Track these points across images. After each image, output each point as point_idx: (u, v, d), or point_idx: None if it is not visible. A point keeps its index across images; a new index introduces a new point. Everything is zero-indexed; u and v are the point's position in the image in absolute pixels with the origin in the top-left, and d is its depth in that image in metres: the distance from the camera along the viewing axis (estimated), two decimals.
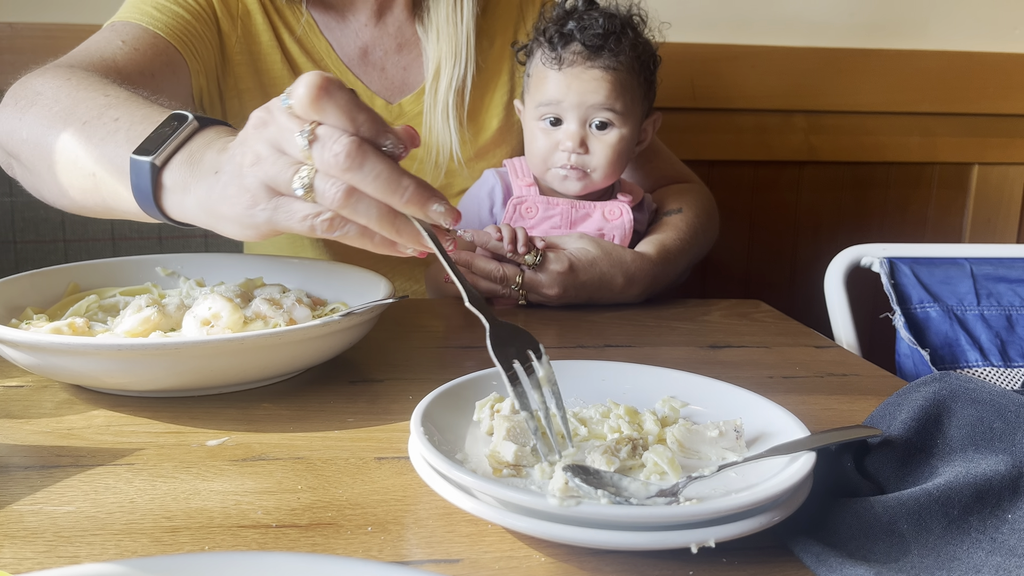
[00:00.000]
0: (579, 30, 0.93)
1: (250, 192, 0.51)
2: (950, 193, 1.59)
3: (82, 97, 0.69)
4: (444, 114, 1.01)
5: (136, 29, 0.89)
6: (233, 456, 0.52)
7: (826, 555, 0.41)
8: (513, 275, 0.89)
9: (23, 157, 0.72)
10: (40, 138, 0.69)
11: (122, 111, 0.65)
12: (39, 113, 0.70)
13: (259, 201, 0.51)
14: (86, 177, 0.65)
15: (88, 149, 0.64)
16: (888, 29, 1.53)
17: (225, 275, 0.80)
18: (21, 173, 0.76)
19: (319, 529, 0.44)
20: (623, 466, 0.46)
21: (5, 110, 0.74)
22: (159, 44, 0.88)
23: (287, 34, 1.01)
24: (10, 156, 0.76)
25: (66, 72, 0.74)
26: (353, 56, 1.03)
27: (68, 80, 0.72)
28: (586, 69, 0.93)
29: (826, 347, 0.81)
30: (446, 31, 1.00)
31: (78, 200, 0.69)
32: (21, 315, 0.68)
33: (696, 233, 1.01)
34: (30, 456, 0.52)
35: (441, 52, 1.00)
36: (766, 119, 1.50)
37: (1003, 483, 0.45)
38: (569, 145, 0.94)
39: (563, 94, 0.93)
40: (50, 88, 0.72)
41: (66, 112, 0.68)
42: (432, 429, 0.48)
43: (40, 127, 0.69)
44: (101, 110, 0.66)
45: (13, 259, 1.22)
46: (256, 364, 0.60)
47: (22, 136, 0.71)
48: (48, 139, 0.68)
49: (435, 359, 0.75)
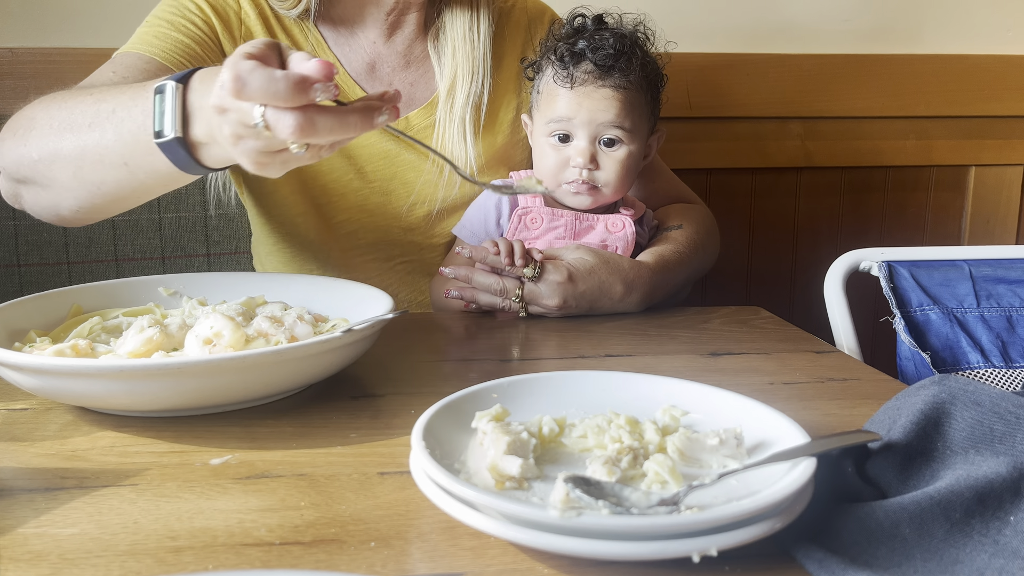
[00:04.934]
0: (590, 50, 0.95)
1: (248, 156, 0.59)
2: (948, 196, 1.60)
3: (72, 106, 0.72)
4: (460, 128, 1.03)
5: (131, 58, 0.90)
6: (236, 474, 0.53)
7: (829, 561, 0.41)
8: (513, 288, 0.90)
9: (39, 177, 0.75)
10: (54, 152, 0.72)
11: (112, 101, 0.69)
12: (41, 133, 0.73)
13: (259, 158, 0.59)
14: (118, 167, 0.69)
15: (110, 143, 0.68)
16: (882, 34, 1.54)
17: (227, 294, 0.80)
18: (33, 198, 0.78)
19: (323, 546, 0.44)
20: (624, 476, 0.46)
21: (5, 143, 0.77)
22: (152, 68, 0.89)
23: None
24: (19, 184, 0.78)
25: (49, 96, 0.77)
26: (360, 71, 1.05)
27: (53, 100, 0.76)
28: (597, 88, 0.95)
29: (826, 352, 0.81)
30: (463, 48, 1.02)
31: (111, 193, 0.72)
32: (24, 338, 0.69)
33: (696, 248, 1.02)
34: (35, 479, 0.52)
35: (457, 67, 1.02)
36: (762, 126, 1.51)
37: (1004, 485, 0.45)
38: (580, 161, 0.96)
39: (574, 112, 0.96)
40: (41, 111, 0.75)
41: (67, 123, 0.71)
42: (434, 443, 0.48)
43: (49, 143, 0.72)
44: (96, 107, 0.70)
45: (17, 282, 1.22)
46: (258, 382, 0.60)
47: (33, 157, 0.73)
48: (63, 150, 0.71)
49: (436, 373, 0.75)
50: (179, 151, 0.63)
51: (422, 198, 1.06)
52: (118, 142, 0.68)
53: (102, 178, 0.71)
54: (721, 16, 1.49)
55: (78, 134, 0.70)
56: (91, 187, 0.72)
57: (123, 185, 0.71)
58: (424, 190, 1.05)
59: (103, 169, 0.70)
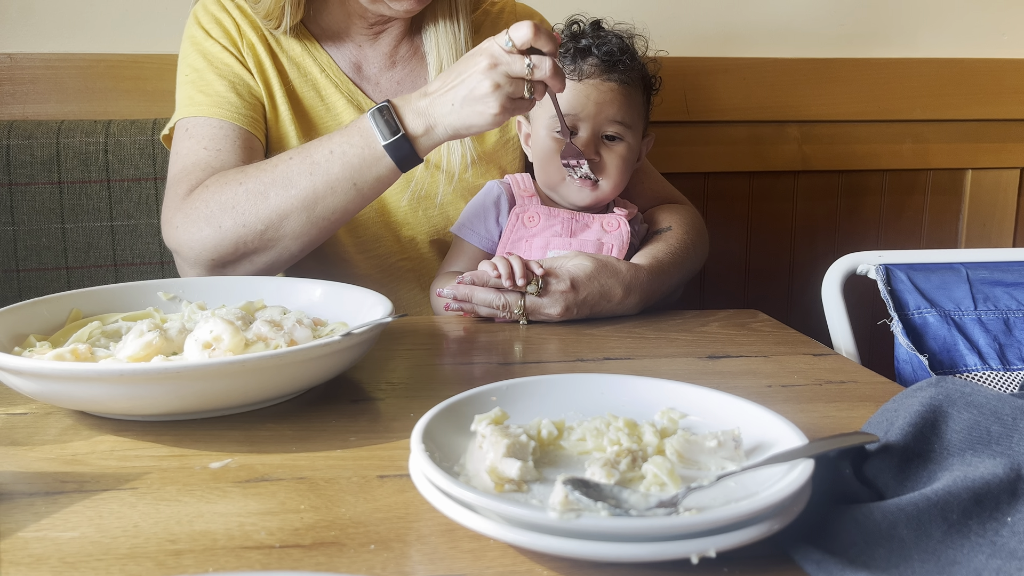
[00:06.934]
0: (596, 46, 0.99)
1: (499, 100, 0.82)
2: (944, 199, 1.60)
3: (269, 175, 0.88)
4: None
5: (205, 127, 0.98)
6: (236, 478, 0.53)
7: (827, 562, 0.42)
8: (515, 301, 0.89)
9: (264, 245, 0.89)
10: (284, 211, 0.87)
11: (319, 151, 0.88)
12: (254, 205, 0.88)
13: (507, 102, 0.82)
14: (348, 191, 0.87)
15: (338, 174, 0.87)
16: (878, 38, 1.54)
17: (226, 298, 0.80)
18: (245, 269, 0.91)
19: (322, 548, 0.44)
20: (623, 478, 0.47)
21: (201, 233, 0.89)
22: (228, 133, 0.98)
23: (286, 60, 1.06)
24: (222, 267, 0.91)
25: (215, 183, 0.91)
26: (349, 69, 1.09)
27: (227, 183, 0.90)
28: (603, 81, 0.98)
29: (824, 355, 0.81)
30: (446, 40, 1.06)
31: (339, 219, 0.90)
32: (24, 343, 0.69)
33: (687, 249, 1.03)
34: (35, 483, 0.52)
35: (443, 58, 1.06)
36: (759, 130, 1.52)
37: (1001, 486, 0.46)
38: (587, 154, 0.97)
39: (581, 104, 0.98)
40: (227, 194, 0.89)
41: (282, 182, 0.87)
42: (433, 446, 0.48)
43: (272, 206, 0.87)
44: (301, 163, 0.88)
45: (16, 287, 1.22)
46: (258, 386, 0.60)
47: (259, 229, 0.88)
48: (292, 205, 0.87)
49: (435, 376, 0.75)
50: (404, 145, 0.85)
51: (416, 196, 1.07)
52: (346, 169, 0.86)
53: (334, 208, 0.88)
54: (717, 20, 1.49)
55: (301, 185, 0.87)
56: (322, 222, 0.88)
57: (351, 205, 0.88)
58: (418, 188, 1.06)
59: (335, 199, 0.87)
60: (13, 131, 1.22)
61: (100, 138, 1.23)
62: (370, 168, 0.87)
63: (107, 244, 1.24)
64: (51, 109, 1.32)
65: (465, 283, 0.90)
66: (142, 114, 1.32)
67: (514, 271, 0.88)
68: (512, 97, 0.82)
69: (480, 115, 0.83)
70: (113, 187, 1.23)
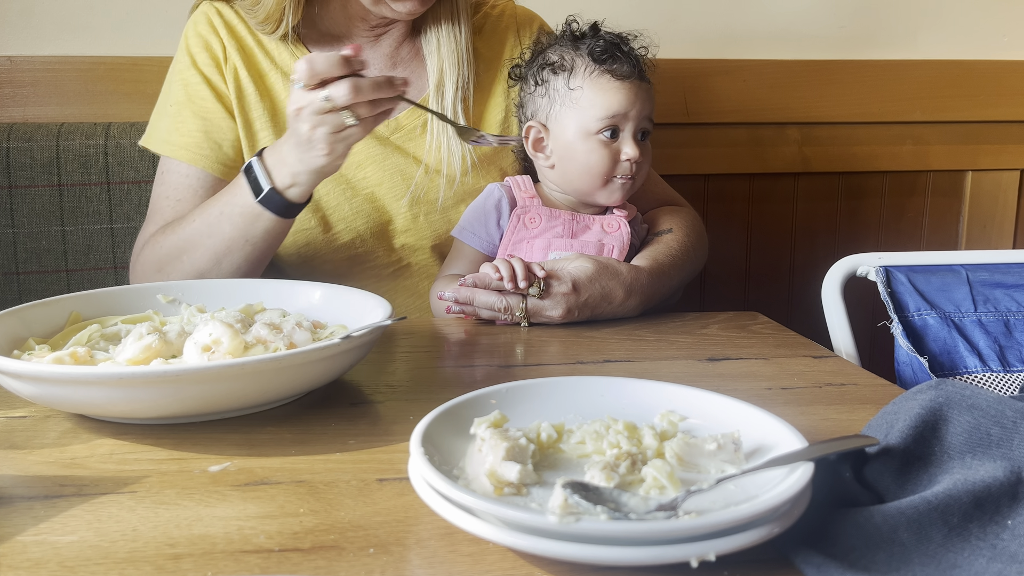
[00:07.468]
0: (624, 47, 1.00)
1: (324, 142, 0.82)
2: (945, 201, 1.60)
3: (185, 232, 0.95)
4: (453, 118, 1.05)
5: (175, 176, 1.04)
6: (235, 481, 0.53)
7: (827, 566, 0.42)
8: (516, 304, 0.89)
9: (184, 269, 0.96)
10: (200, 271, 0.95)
11: (213, 211, 0.93)
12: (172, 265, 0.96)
13: (331, 140, 0.82)
14: (243, 247, 0.92)
15: (228, 233, 0.92)
16: (878, 40, 1.54)
17: (226, 301, 0.80)
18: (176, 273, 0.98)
19: (322, 552, 0.44)
20: (622, 481, 0.46)
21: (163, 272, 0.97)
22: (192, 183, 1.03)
23: (276, 71, 1.06)
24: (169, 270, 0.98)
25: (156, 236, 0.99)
26: None
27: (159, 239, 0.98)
28: (640, 82, 0.99)
29: (824, 357, 0.81)
30: (447, 42, 1.06)
31: (248, 272, 0.95)
32: (23, 346, 0.69)
33: (687, 251, 1.03)
34: (34, 487, 0.52)
35: (443, 59, 1.06)
36: (759, 132, 1.52)
37: (1002, 489, 0.46)
38: (633, 154, 0.98)
39: (630, 104, 0.98)
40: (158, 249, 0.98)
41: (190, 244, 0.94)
42: (432, 449, 0.48)
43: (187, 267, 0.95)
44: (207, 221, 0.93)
45: (16, 290, 1.22)
46: (257, 389, 0.60)
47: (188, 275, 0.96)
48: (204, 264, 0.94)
49: (435, 379, 0.75)
50: (276, 198, 0.88)
51: (415, 200, 1.07)
52: (235, 228, 0.91)
53: (238, 264, 0.93)
54: (717, 21, 1.49)
55: (205, 245, 0.92)
56: (237, 272, 0.94)
57: (252, 257, 0.93)
58: (417, 193, 1.06)
59: (234, 256, 0.92)
60: (13, 134, 1.22)
61: (100, 141, 1.23)
62: (254, 224, 0.90)
63: (107, 247, 1.24)
64: (51, 111, 1.32)
65: (467, 285, 0.90)
66: (142, 116, 1.31)
67: (516, 273, 0.88)
68: (336, 132, 0.80)
69: (317, 159, 0.83)
70: (113, 190, 1.24)
